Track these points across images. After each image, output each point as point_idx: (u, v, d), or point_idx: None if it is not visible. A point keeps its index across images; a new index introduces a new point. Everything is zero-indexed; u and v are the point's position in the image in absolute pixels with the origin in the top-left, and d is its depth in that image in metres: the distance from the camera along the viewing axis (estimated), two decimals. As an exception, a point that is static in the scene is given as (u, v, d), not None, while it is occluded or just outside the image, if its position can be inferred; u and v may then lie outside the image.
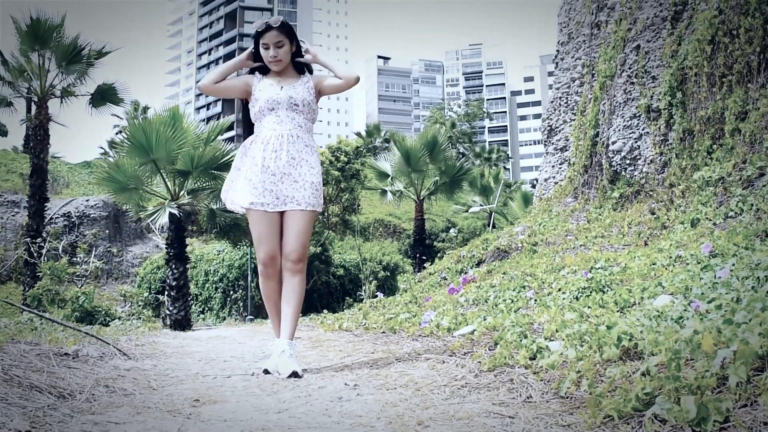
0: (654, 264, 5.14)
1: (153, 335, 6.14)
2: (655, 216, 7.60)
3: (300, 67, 3.80)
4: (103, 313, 10.14)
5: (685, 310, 3.16)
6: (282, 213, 3.59)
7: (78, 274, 15.55)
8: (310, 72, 3.82)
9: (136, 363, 3.39)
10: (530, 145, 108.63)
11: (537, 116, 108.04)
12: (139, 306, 13.55)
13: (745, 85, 7.09)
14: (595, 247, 7.44)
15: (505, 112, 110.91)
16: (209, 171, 13.07)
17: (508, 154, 74.76)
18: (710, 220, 6.06)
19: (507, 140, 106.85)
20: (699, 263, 4.67)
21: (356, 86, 4.17)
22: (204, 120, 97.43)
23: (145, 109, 41.63)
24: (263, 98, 3.65)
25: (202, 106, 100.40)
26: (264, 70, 3.79)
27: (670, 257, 5.16)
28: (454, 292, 7.76)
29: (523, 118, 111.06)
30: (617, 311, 3.60)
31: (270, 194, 3.56)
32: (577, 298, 4.78)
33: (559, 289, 5.31)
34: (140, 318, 10.31)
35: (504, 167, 58.94)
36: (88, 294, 10.36)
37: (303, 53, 3.76)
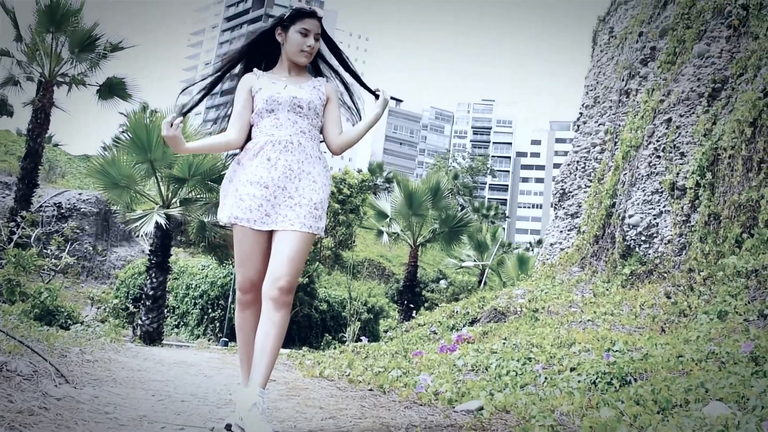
0: (681, 356, 4.57)
1: (112, 349, 5.50)
2: (672, 301, 7.05)
3: (315, 69, 3.29)
4: (65, 314, 9.44)
5: (747, 423, 2.59)
6: (272, 233, 3.00)
7: (46, 267, 14.84)
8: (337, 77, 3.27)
9: (71, 390, 2.76)
10: (529, 208, 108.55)
11: (539, 180, 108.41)
12: (106, 312, 12.82)
13: (788, 175, 6.61)
14: (605, 325, 6.87)
15: (509, 171, 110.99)
16: (206, 181, 12.53)
17: (506, 214, 74.51)
18: (741, 314, 5.51)
19: (506, 199, 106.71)
20: (736, 363, 4.11)
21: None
22: (212, 120, 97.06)
23: (153, 112, 41.22)
24: (262, 97, 3.09)
25: (209, 120, 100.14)
26: (266, 67, 3.27)
27: (700, 351, 4.60)
28: (447, 350, 7.16)
29: (525, 180, 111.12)
30: (657, 412, 3.02)
31: (259, 210, 2.98)
32: (594, 383, 4.20)
33: (572, 369, 4.73)
34: (106, 324, 9.61)
35: (500, 226, 58.59)
36: (52, 291, 9.68)
37: (375, 92, 3.20)
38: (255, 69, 3.24)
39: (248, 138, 3.15)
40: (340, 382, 4.74)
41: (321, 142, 3.19)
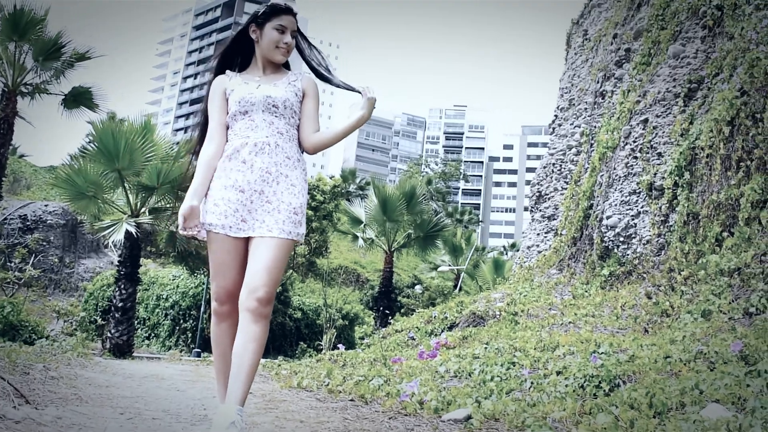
0: (668, 357, 4.46)
1: (78, 364, 5.25)
2: (653, 301, 6.97)
3: (285, 63, 3.11)
4: (30, 329, 9.09)
5: (752, 426, 2.48)
6: (249, 240, 2.81)
7: (9, 280, 14.41)
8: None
9: (32, 411, 2.54)
10: (502, 212, 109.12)
11: (512, 184, 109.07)
12: (74, 326, 12.45)
13: (766, 172, 6.56)
14: (587, 327, 6.77)
15: (481, 176, 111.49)
16: (175, 190, 12.23)
17: (479, 218, 74.74)
18: (725, 313, 5.43)
19: (479, 204, 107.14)
20: (726, 363, 4.01)
21: (340, 124, 3.23)
22: (182, 129, 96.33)
23: (122, 121, 40.58)
24: (234, 99, 2.92)
25: (180, 129, 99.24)
26: (240, 67, 3.10)
27: (687, 351, 4.49)
28: (427, 357, 7.00)
29: (498, 184, 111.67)
30: (653, 416, 2.89)
31: (235, 215, 2.79)
32: (582, 387, 4.07)
33: (558, 372, 4.60)
34: (74, 338, 9.28)
35: (474, 230, 58.76)
36: (16, 305, 9.32)
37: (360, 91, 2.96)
38: (227, 71, 3.07)
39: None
40: (319, 392, 4.56)
41: (327, 129, 3.01)
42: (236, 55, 3.11)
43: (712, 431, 2.33)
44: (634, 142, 9.02)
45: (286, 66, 3.12)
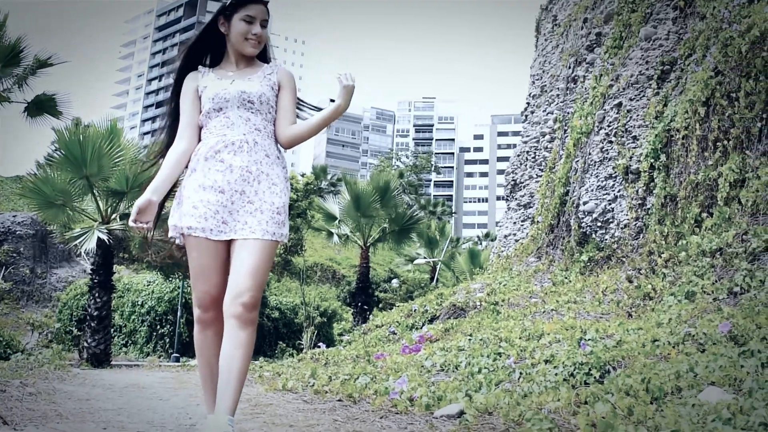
0: (656, 341, 4.44)
1: (56, 378, 5.08)
2: (635, 285, 6.96)
3: (263, 56, 2.97)
4: (4, 343, 8.84)
5: (755, 409, 2.43)
6: (231, 242, 2.69)
7: (-21, 294, 14.09)
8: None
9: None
10: (474, 202, 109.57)
11: (484, 174, 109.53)
12: (49, 338, 12.19)
13: (743, 151, 6.58)
14: (570, 314, 6.75)
15: (453, 167, 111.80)
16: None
17: (452, 209, 74.94)
18: (709, 294, 5.42)
19: (452, 195, 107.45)
20: (716, 344, 3.99)
21: None
22: (149, 132, 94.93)
23: (87, 127, 39.92)
24: (208, 96, 2.78)
25: (147, 132, 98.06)
26: (213, 61, 2.95)
27: (675, 334, 4.47)
28: (411, 351, 6.93)
29: (469, 175, 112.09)
30: (650, 402, 2.84)
31: (215, 217, 2.66)
32: (572, 375, 4.02)
33: (547, 361, 4.55)
34: (50, 350, 9.04)
35: (448, 221, 58.91)
36: (-13, 319, 9.10)
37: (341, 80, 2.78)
38: (199, 66, 2.92)
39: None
40: (305, 394, 4.46)
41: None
42: (204, 53, 2.97)
43: (713, 415, 2.27)
44: (609, 126, 9.02)
45: (264, 59, 2.99)
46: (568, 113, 10.86)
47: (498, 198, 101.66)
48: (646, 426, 2.33)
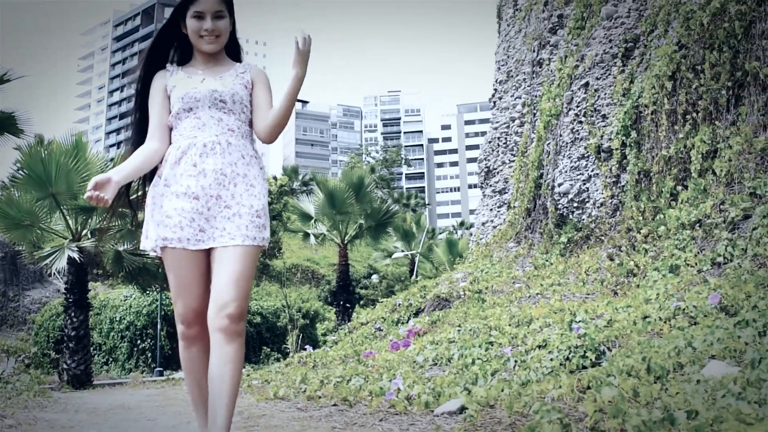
0: (647, 317, 4.42)
1: (37, 406, 4.92)
2: (617, 262, 6.96)
3: (235, 54, 2.81)
4: (-20, 372, 8.64)
5: (761, 380, 2.39)
6: (210, 251, 2.54)
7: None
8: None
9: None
10: (447, 192, 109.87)
11: (454, 164, 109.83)
12: (26, 363, 11.92)
13: (712, 122, 6.60)
14: (555, 297, 6.73)
15: (423, 159, 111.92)
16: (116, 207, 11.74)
17: (425, 201, 75.02)
18: (693, 266, 5.42)
19: (424, 187, 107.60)
20: (707, 316, 3.98)
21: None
22: (114, 145, 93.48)
23: (50, 144, 39.16)
24: (177, 96, 2.62)
25: (113, 145, 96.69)
26: (181, 61, 2.78)
27: (665, 309, 4.45)
28: (399, 347, 6.86)
29: (440, 165, 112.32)
30: (654, 381, 2.79)
31: (192, 225, 2.52)
32: (568, 359, 3.98)
33: (539, 347, 4.51)
34: (28, 375, 8.79)
35: (422, 213, 58.98)
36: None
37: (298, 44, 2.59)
38: (168, 65, 2.76)
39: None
40: (297, 401, 4.36)
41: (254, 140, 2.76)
42: (165, 56, 2.78)
43: (723, 390, 2.22)
44: (577, 107, 9.02)
45: (236, 57, 2.83)
46: (536, 97, 10.85)
47: (470, 186, 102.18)
48: (655, 407, 2.28)
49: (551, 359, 4.02)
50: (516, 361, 4.25)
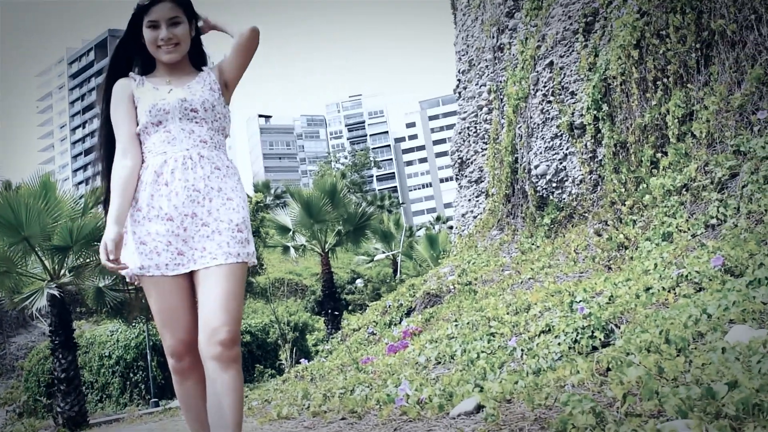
0: (649, 288, 4.32)
1: (33, 457, 4.72)
2: (607, 237, 6.89)
3: (200, 61, 2.62)
4: (-30, 428, 8.32)
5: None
6: (193, 275, 2.37)
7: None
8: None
9: None
10: (419, 189, 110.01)
11: (423, 160, 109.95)
12: (17, 412, 11.60)
13: (684, 86, 6.55)
14: (549, 279, 6.63)
15: (391, 159, 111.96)
16: (92, 243, 11.49)
17: (399, 200, 75.00)
18: (686, 231, 5.35)
19: (396, 186, 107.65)
20: (712, 280, 3.89)
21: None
22: (83, 182, 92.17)
23: (18, 188, 38.45)
24: (144, 108, 2.42)
25: (81, 182, 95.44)
26: (145, 70, 2.59)
27: (666, 278, 4.36)
28: (397, 349, 6.73)
29: (409, 163, 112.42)
30: (676, 355, 2.68)
31: (168, 249, 2.34)
32: (576, 341, 3.87)
33: (544, 332, 4.39)
34: (22, 425, 8.51)
35: (398, 212, 58.93)
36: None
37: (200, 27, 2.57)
38: (131, 73, 2.56)
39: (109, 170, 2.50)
40: (303, 418, 4.20)
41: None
42: (126, 70, 2.58)
43: (757, 356, 2.11)
44: (544, 87, 8.96)
45: (200, 62, 2.64)
46: (501, 82, 10.79)
47: (441, 180, 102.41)
48: (687, 382, 2.16)
49: (559, 344, 3.91)
50: (522, 350, 4.14)
